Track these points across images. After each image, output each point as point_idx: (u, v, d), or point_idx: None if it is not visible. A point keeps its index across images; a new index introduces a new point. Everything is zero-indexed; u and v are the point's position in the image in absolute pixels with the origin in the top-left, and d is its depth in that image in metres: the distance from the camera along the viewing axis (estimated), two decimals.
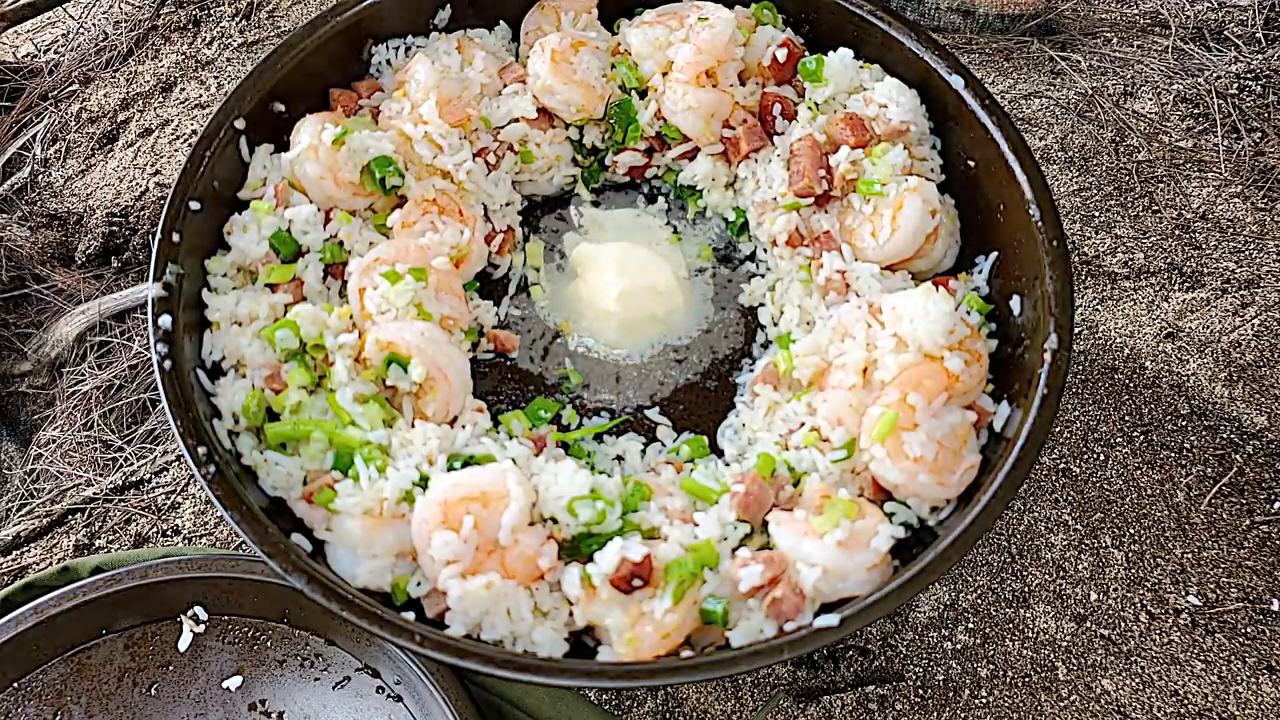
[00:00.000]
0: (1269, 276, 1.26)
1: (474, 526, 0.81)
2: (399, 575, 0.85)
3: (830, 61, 1.09)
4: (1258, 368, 1.20)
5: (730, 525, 0.88)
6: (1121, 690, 1.04)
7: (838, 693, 1.03)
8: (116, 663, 1.01)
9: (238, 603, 1.03)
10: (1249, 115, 1.39)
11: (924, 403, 0.89)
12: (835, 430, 0.93)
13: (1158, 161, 1.36)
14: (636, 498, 0.89)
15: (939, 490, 0.89)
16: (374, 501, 0.85)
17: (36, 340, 1.28)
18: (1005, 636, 1.06)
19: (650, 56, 1.10)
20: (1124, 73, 1.45)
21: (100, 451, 1.21)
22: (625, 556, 0.80)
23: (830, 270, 1.03)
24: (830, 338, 0.99)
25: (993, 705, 1.03)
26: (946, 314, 0.93)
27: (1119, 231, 1.30)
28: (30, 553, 1.14)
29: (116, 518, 1.16)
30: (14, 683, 1.00)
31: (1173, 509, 1.13)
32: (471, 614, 0.81)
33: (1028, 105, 1.42)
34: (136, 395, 1.23)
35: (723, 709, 1.03)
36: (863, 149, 1.05)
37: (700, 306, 1.11)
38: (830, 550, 0.82)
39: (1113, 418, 1.18)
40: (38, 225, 1.35)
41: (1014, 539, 1.11)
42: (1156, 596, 1.08)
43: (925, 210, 1.02)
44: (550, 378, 1.07)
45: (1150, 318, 1.24)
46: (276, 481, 0.87)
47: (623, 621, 0.80)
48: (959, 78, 1.04)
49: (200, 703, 1.00)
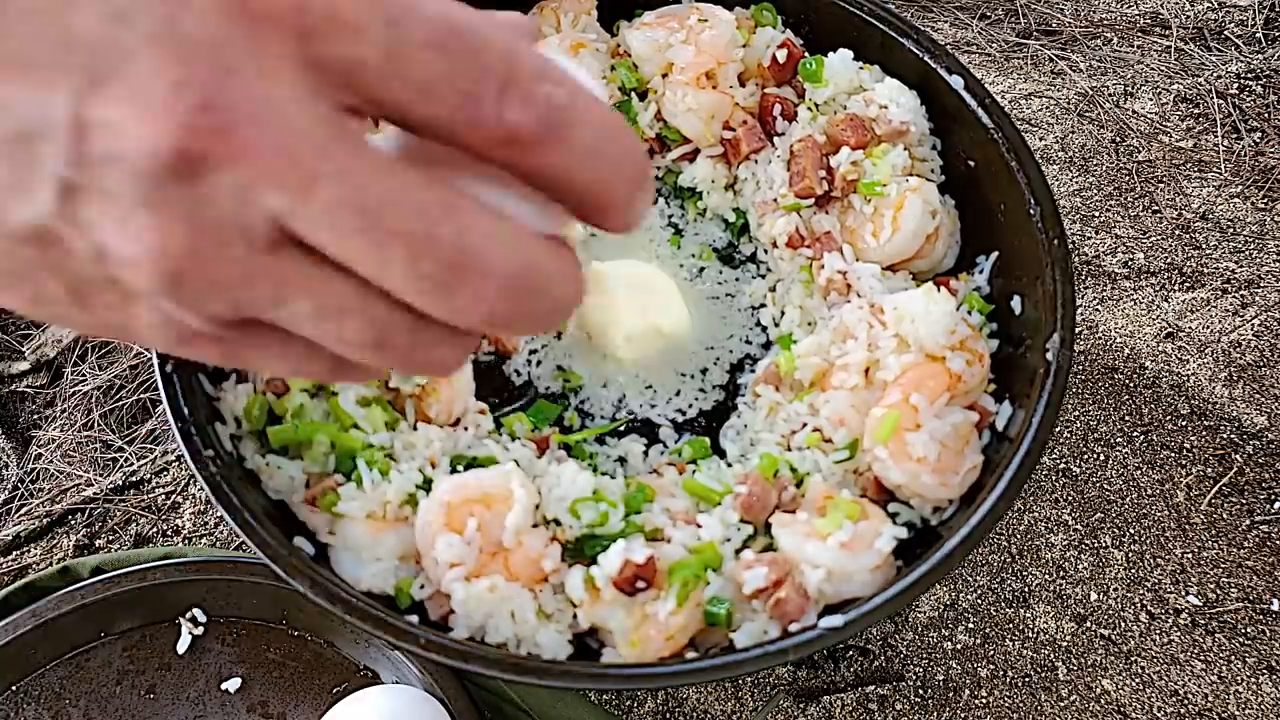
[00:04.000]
0: (1269, 276, 1.26)
1: (477, 529, 0.81)
2: (402, 578, 0.85)
3: (830, 62, 1.08)
4: (1258, 368, 1.20)
5: (733, 527, 0.88)
6: (1121, 690, 1.04)
7: (838, 693, 1.03)
8: (115, 665, 1.01)
9: (237, 604, 1.02)
10: (1249, 115, 1.39)
11: (926, 403, 0.89)
12: (837, 431, 0.93)
13: (1158, 161, 1.36)
14: (639, 499, 0.89)
15: (942, 491, 0.89)
16: (377, 504, 0.85)
17: (36, 340, 1.28)
18: (1005, 636, 1.06)
19: (650, 58, 1.10)
20: (1124, 73, 1.45)
21: (100, 451, 1.21)
22: (629, 558, 0.80)
23: (831, 271, 1.03)
24: (832, 338, 0.99)
25: (993, 705, 1.03)
26: (948, 314, 0.93)
27: (1119, 231, 1.31)
28: (30, 553, 1.14)
29: (116, 518, 1.15)
30: (12, 685, 1.00)
31: (1173, 509, 1.13)
32: (475, 617, 0.81)
33: (1028, 105, 1.42)
34: (136, 395, 1.23)
35: (723, 709, 1.03)
36: (863, 150, 1.05)
37: (708, 332, 1.09)
38: (834, 552, 0.82)
39: (1113, 418, 1.18)
40: None
41: (1014, 539, 1.11)
42: (1156, 596, 1.08)
43: (926, 210, 1.02)
44: (552, 380, 1.07)
45: (1150, 318, 1.24)
46: (279, 485, 0.87)
47: (626, 623, 0.80)
48: (959, 78, 1.04)
49: (199, 705, 1.00)
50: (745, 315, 1.10)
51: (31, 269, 0.44)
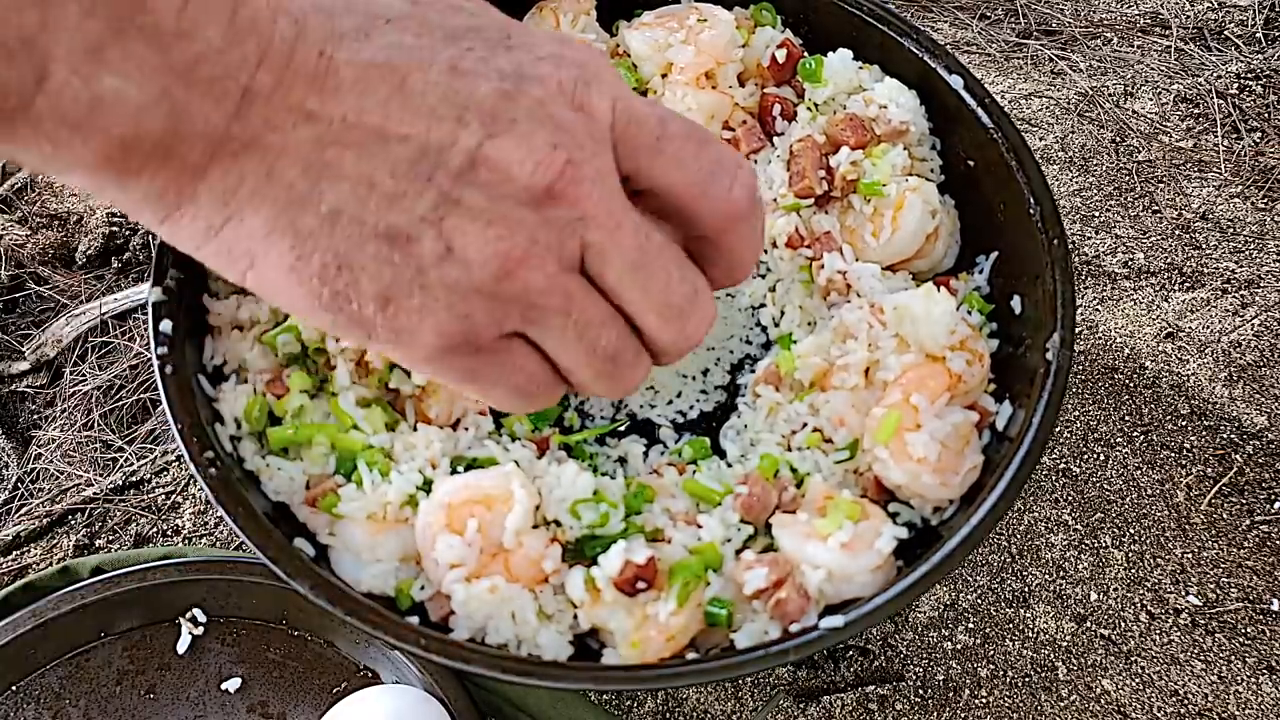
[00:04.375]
0: (1269, 276, 1.26)
1: (478, 530, 0.81)
2: (403, 580, 0.85)
3: (830, 62, 1.08)
4: (1258, 368, 1.20)
5: (734, 527, 0.88)
6: (1121, 690, 1.04)
7: (838, 693, 1.03)
8: (115, 665, 1.01)
9: (236, 605, 1.02)
10: (1249, 115, 1.39)
11: (927, 403, 0.89)
12: (838, 431, 0.93)
13: (1158, 161, 1.36)
14: (639, 500, 0.89)
15: (942, 491, 0.89)
16: (377, 506, 0.85)
17: (36, 340, 1.28)
18: (1005, 636, 1.06)
19: (650, 58, 1.10)
20: (1124, 73, 1.45)
21: (100, 451, 1.21)
22: (629, 559, 0.80)
23: (831, 271, 1.02)
24: (832, 338, 0.99)
25: (993, 705, 1.03)
26: (948, 314, 0.93)
27: (1119, 231, 1.31)
28: (30, 553, 1.14)
29: (116, 518, 1.15)
30: (12, 686, 1.00)
31: (1173, 509, 1.13)
32: (476, 618, 0.81)
33: (1028, 105, 1.42)
34: (136, 395, 1.23)
35: (723, 708, 1.03)
36: (863, 150, 1.05)
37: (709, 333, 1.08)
38: (834, 553, 0.82)
39: (1113, 418, 1.18)
40: (38, 225, 1.34)
41: (1014, 539, 1.11)
42: (1156, 596, 1.08)
43: (926, 210, 1.02)
44: None
45: (1150, 318, 1.24)
46: (279, 486, 0.87)
47: (627, 624, 0.80)
48: (959, 78, 1.04)
49: (199, 705, 1.00)
50: (745, 315, 1.10)
51: (369, 261, 0.58)
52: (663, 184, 0.65)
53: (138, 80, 0.50)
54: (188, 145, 0.53)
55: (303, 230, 0.57)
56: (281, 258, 0.58)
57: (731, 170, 0.67)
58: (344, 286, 0.58)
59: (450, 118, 0.57)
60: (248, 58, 0.53)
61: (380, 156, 0.56)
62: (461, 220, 0.57)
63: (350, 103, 0.55)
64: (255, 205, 0.56)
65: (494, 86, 0.57)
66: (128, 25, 0.49)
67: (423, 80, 0.57)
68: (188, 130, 0.53)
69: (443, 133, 0.57)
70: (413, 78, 0.56)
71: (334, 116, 0.55)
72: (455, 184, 0.57)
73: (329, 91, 0.55)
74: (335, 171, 0.56)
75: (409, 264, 0.58)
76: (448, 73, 0.57)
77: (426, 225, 0.57)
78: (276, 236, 0.57)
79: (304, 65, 0.55)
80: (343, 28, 0.56)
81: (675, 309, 0.67)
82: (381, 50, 0.56)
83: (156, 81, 0.51)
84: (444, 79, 0.57)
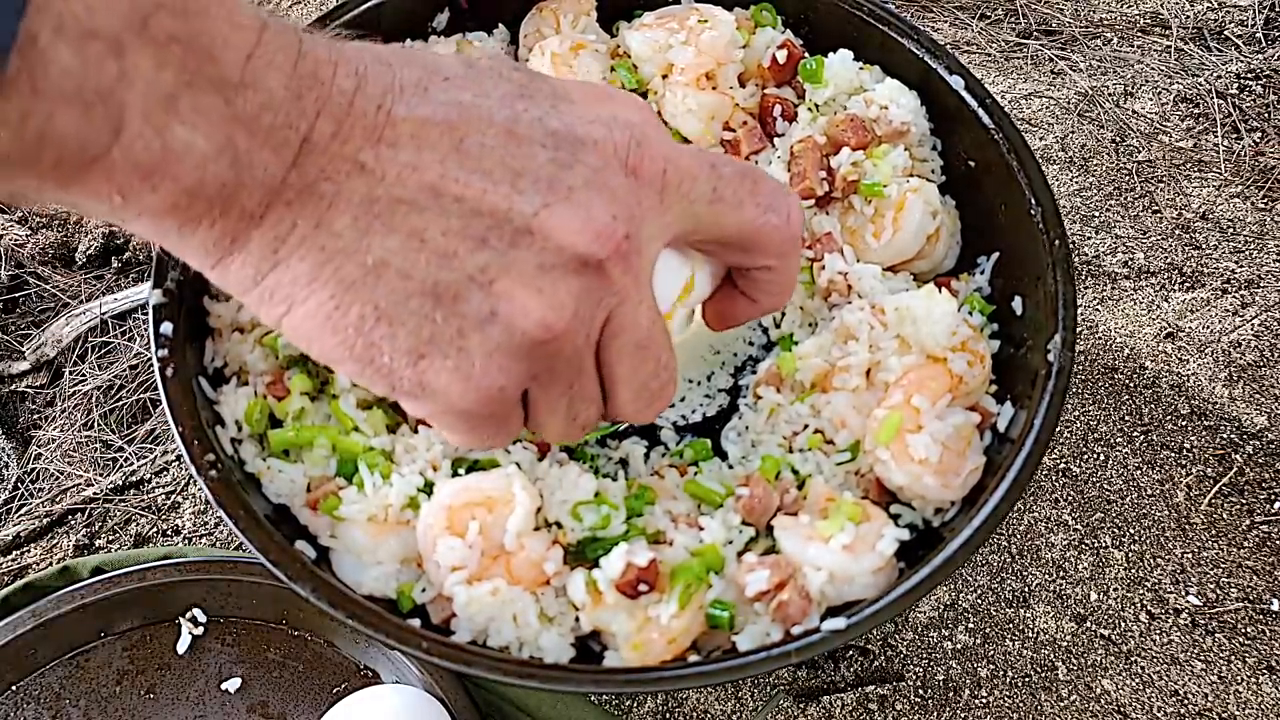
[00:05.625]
0: (1269, 276, 1.26)
1: (479, 532, 0.81)
2: (404, 582, 0.85)
3: (830, 63, 1.08)
4: (1258, 368, 1.20)
5: (735, 529, 0.88)
6: (1121, 690, 1.04)
7: (838, 693, 1.03)
8: (115, 665, 1.01)
9: (236, 605, 1.02)
10: (1249, 115, 1.39)
11: (928, 404, 0.89)
12: (839, 432, 0.93)
13: (1158, 161, 1.36)
14: (641, 502, 0.88)
15: (944, 492, 0.89)
16: (378, 508, 0.85)
17: (36, 340, 1.28)
18: (1005, 636, 1.06)
19: (650, 59, 1.09)
20: (1124, 73, 1.45)
21: (100, 451, 1.21)
22: (631, 561, 0.80)
23: (832, 272, 1.02)
24: (833, 339, 0.99)
25: (993, 705, 1.03)
26: (949, 315, 0.93)
27: (1119, 231, 1.31)
28: (30, 553, 1.14)
29: (116, 518, 1.15)
30: (12, 685, 1.00)
31: (1173, 509, 1.13)
32: (477, 620, 0.81)
33: (1028, 105, 1.42)
34: (136, 395, 1.23)
35: (723, 709, 1.03)
36: (863, 150, 1.05)
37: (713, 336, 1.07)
38: (836, 554, 0.82)
39: (1113, 418, 1.18)
40: (38, 225, 1.34)
41: (1014, 539, 1.12)
42: (1156, 596, 1.08)
43: (926, 211, 1.02)
44: None
45: (1150, 318, 1.24)
46: (280, 489, 0.87)
47: (629, 627, 0.80)
48: (959, 78, 1.03)
49: (199, 705, 1.00)
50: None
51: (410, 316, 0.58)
52: (728, 230, 0.68)
53: (204, 130, 0.51)
54: (247, 193, 0.54)
55: (345, 280, 0.57)
56: (320, 306, 0.58)
57: (785, 200, 0.69)
58: (379, 339, 0.58)
59: (506, 181, 0.57)
60: (307, 109, 0.53)
61: (433, 213, 0.56)
62: (512, 284, 0.58)
63: (406, 158, 0.56)
64: (302, 253, 0.56)
65: (550, 153, 0.58)
66: (197, 76, 0.50)
67: (479, 141, 0.57)
68: (248, 179, 0.53)
69: (499, 196, 0.57)
70: (470, 138, 0.57)
71: (388, 170, 0.55)
72: (509, 247, 0.57)
73: (385, 144, 0.55)
74: (385, 224, 0.56)
75: (451, 323, 0.58)
76: (505, 135, 0.57)
77: (475, 286, 0.58)
78: (319, 285, 0.57)
79: (362, 118, 0.55)
80: (402, 81, 0.57)
81: (651, 393, 0.69)
82: (440, 108, 0.56)
83: (222, 131, 0.51)
84: (500, 141, 0.57)
